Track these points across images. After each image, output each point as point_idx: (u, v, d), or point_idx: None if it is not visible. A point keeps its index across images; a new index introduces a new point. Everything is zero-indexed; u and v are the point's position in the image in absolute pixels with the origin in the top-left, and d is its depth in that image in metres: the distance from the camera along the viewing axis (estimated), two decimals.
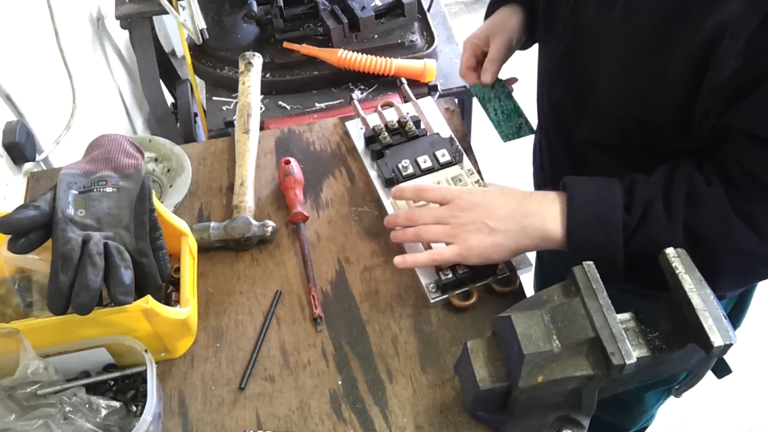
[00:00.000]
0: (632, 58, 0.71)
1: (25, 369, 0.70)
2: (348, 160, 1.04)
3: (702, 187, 0.68)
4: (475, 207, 0.76)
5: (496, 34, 0.94)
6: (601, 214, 0.70)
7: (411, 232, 0.81)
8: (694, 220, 0.67)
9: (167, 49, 2.43)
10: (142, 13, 1.62)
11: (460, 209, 0.77)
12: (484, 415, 0.72)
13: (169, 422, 0.77)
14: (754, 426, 1.76)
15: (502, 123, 1.03)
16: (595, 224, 0.70)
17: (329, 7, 1.65)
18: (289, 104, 1.61)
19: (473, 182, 0.93)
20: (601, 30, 0.74)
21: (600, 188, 0.71)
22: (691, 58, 0.65)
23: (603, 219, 0.69)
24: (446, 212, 0.78)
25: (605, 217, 0.69)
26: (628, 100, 0.73)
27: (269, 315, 0.85)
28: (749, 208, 0.66)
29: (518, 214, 0.74)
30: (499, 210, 0.75)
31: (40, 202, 0.71)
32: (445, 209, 0.79)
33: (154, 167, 1.03)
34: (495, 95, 1.02)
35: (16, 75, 1.18)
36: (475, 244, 0.75)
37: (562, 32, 0.80)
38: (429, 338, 0.82)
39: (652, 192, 0.69)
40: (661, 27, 0.67)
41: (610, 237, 0.69)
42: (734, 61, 0.61)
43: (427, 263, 0.80)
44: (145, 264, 0.73)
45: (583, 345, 0.61)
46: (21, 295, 0.77)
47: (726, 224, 0.66)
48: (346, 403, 0.77)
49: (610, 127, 0.77)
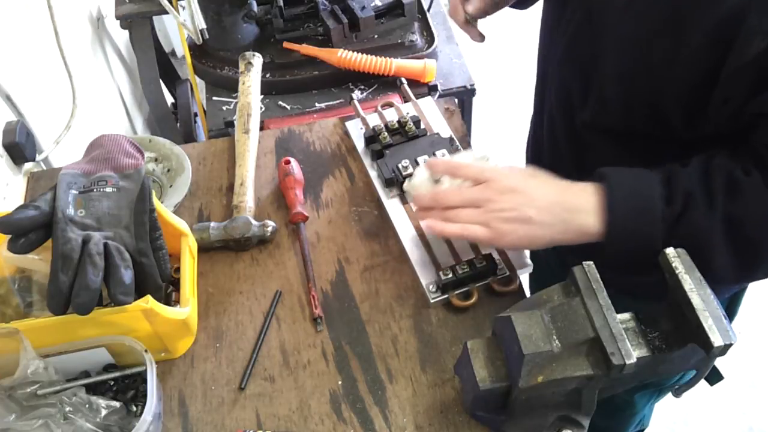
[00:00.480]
0: (643, 40, 0.68)
1: (25, 369, 0.70)
2: (348, 160, 1.04)
3: (741, 177, 0.65)
4: (513, 192, 0.71)
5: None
6: (642, 207, 0.67)
7: (438, 216, 0.75)
8: (735, 211, 0.65)
9: (167, 49, 2.43)
10: (142, 13, 1.62)
11: (497, 192, 0.71)
12: (484, 415, 0.72)
13: (169, 422, 0.77)
14: (754, 426, 1.76)
15: None
16: (635, 217, 0.67)
17: (329, 7, 1.65)
18: (289, 104, 1.60)
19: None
20: (612, 10, 0.71)
21: (639, 181, 0.68)
22: (707, 40, 0.61)
23: (644, 212, 0.66)
24: (480, 194, 0.73)
25: (646, 210, 0.66)
26: (637, 83, 0.70)
27: (269, 315, 0.85)
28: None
29: (559, 207, 0.70)
30: (539, 199, 0.70)
31: (40, 202, 0.71)
32: (479, 190, 0.73)
33: (154, 167, 1.03)
34: None
35: (16, 75, 1.18)
36: (508, 232, 0.71)
37: (571, 15, 0.78)
38: (429, 338, 0.82)
39: (690, 183, 0.66)
40: (674, 6, 0.64)
41: (650, 230, 0.66)
42: (761, 41, 0.58)
43: (455, 235, 0.74)
44: (145, 264, 0.73)
45: (583, 345, 0.61)
46: (21, 295, 0.77)
47: (767, 213, 0.64)
48: (346, 403, 0.77)
49: (616, 111, 0.74)
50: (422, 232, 0.90)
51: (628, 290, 0.73)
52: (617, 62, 0.72)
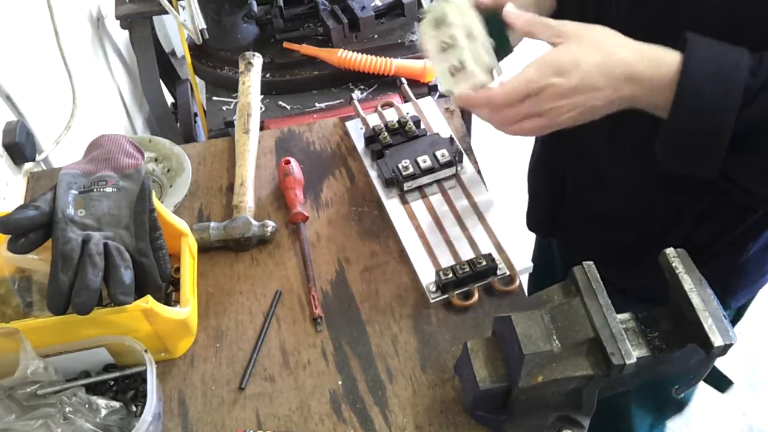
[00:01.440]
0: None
1: (25, 369, 0.70)
2: (348, 160, 1.04)
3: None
4: (574, 93, 0.63)
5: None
6: (723, 71, 0.59)
7: (492, 118, 0.68)
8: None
9: (167, 49, 2.43)
10: (142, 13, 1.62)
11: (556, 98, 0.64)
12: (484, 415, 0.72)
13: (169, 422, 0.77)
14: (754, 426, 1.76)
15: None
16: (713, 80, 0.59)
17: (329, 7, 1.65)
18: (289, 104, 1.60)
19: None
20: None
21: (725, 47, 0.61)
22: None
23: (724, 76, 0.59)
24: (539, 107, 0.65)
25: (727, 75, 0.59)
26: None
27: (269, 315, 0.85)
28: None
29: (622, 83, 0.63)
30: (603, 89, 0.63)
31: (40, 202, 0.71)
32: (538, 103, 0.65)
33: (154, 167, 1.03)
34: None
35: (16, 75, 1.17)
36: (566, 122, 0.66)
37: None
38: (429, 338, 0.82)
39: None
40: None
41: (727, 97, 0.59)
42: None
43: (518, 134, 0.68)
44: (145, 264, 0.73)
45: (583, 345, 0.61)
46: (21, 295, 0.77)
47: None
48: (346, 403, 0.77)
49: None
50: (422, 232, 0.90)
51: (631, 293, 0.72)
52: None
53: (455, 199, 0.94)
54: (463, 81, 0.71)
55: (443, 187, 0.96)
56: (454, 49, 0.72)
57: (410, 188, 0.95)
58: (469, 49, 0.72)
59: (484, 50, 0.71)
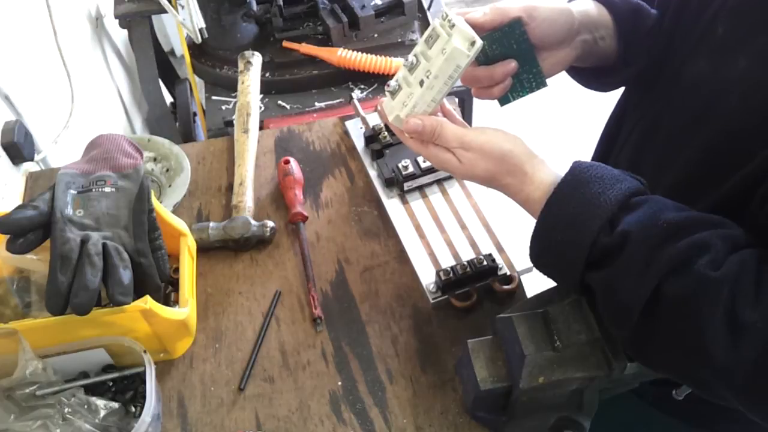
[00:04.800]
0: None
1: (24, 369, 0.70)
2: (348, 160, 1.03)
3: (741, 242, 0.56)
4: (456, 171, 0.69)
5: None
6: (576, 222, 0.60)
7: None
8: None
9: (166, 48, 2.43)
10: (141, 12, 1.62)
11: (443, 163, 0.70)
12: (484, 415, 0.72)
13: (168, 423, 0.76)
14: None
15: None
16: (564, 230, 0.60)
17: (329, 6, 1.65)
18: (289, 104, 1.60)
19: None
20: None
21: (586, 207, 0.59)
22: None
23: (575, 228, 0.59)
24: (444, 165, 0.70)
25: (577, 229, 0.59)
26: None
27: (269, 315, 0.85)
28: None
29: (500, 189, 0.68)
30: (482, 181, 0.69)
31: (39, 202, 0.71)
32: (445, 162, 0.70)
33: (153, 167, 1.03)
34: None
35: (14, 74, 1.17)
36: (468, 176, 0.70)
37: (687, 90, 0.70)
38: (429, 339, 0.82)
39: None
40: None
41: (576, 249, 0.59)
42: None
43: (423, 142, 0.71)
44: (143, 264, 0.73)
45: (584, 346, 0.61)
46: (19, 295, 0.76)
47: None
48: (345, 404, 0.77)
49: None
50: (422, 233, 0.90)
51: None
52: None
53: (455, 199, 0.94)
54: (392, 103, 0.74)
55: (443, 187, 0.95)
56: (413, 71, 0.72)
57: (410, 188, 0.95)
58: (415, 86, 0.72)
59: (429, 98, 0.71)
